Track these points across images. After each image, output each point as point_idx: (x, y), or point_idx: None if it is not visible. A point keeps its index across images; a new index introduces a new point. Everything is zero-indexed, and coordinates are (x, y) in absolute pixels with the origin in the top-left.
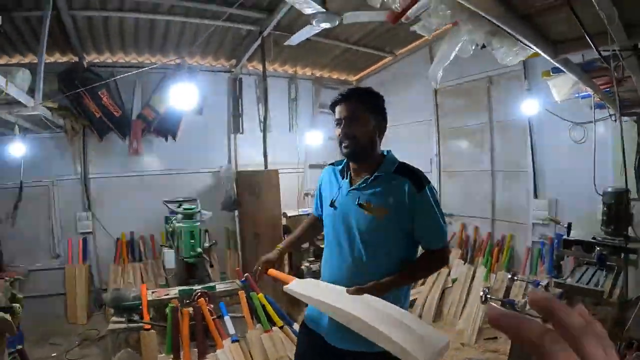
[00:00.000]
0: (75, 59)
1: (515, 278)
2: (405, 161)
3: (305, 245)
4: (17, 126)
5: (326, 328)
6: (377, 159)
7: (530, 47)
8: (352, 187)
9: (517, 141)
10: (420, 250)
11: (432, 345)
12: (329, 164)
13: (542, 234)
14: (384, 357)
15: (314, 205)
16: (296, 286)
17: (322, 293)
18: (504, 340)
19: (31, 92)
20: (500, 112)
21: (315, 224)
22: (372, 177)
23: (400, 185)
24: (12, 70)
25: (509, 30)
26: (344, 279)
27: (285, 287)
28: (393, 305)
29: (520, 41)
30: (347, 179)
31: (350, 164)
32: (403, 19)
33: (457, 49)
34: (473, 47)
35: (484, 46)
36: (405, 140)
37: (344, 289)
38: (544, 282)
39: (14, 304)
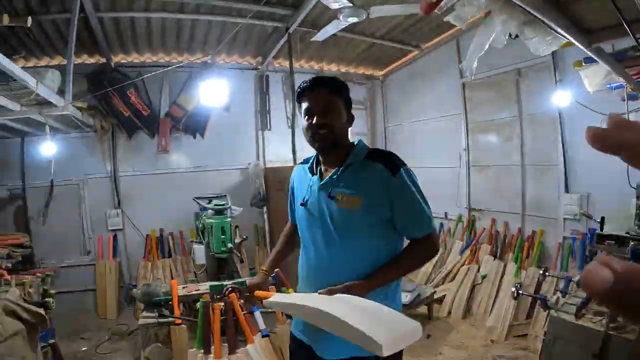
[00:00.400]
0: (103, 60)
1: (547, 274)
2: (432, 156)
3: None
4: (47, 126)
5: (311, 339)
6: (347, 150)
7: (563, 36)
8: (322, 182)
9: (547, 134)
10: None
11: (394, 329)
12: (299, 163)
13: (573, 229)
14: None
15: (290, 213)
16: (275, 298)
17: (297, 299)
18: (534, 337)
19: (61, 92)
20: (530, 105)
21: (294, 234)
22: (343, 167)
23: (373, 170)
24: (41, 72)
25: (542, 19)
26: (323, 279)
27: (264, 301)
28: (369, 301)
29: (554, 30)
30: (317, 174)
31: (320, 158)
32: (437, 10)
33: (490, 39)
34: (506, 37)
35: (517, 36)
36: (433, 134)
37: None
38: (575, 278)
39: (47, 299)
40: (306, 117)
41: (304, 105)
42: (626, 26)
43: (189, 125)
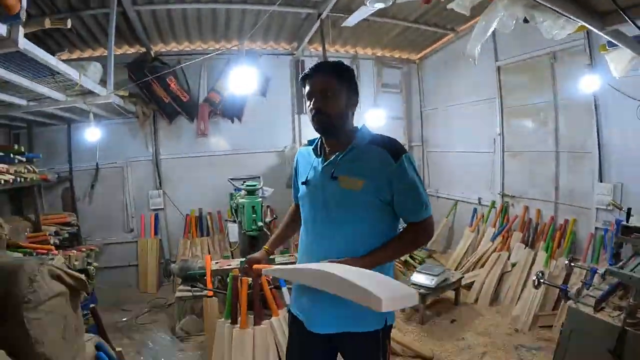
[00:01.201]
0: (143, 49)
1: (572, 264)
2: (466, 141)
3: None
4: (91, 114)
5: (304, 315)
6: (350, 134)
7: (573, 19)
8: (326, 163)
9: (582, 121)
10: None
11: (393, 290)
12: (303, 145)
13: (605, 220)
14: (368, 336)
15: (294, 193)
16: (273, 268)
17: (296, 267)
18: (559, 329)
19: (103, 83)
20: (565, 90)
21: (296, 214)
22: (347, 150)
23: (376, 155)
24: (84, 65)
25: (546, 4)
26: (320, 255)
27: (264, 270)
28: (367, 270)
29: (561, 14)
30: (321, 156)
31: (325, 140)
32: None
33: (494, 24)
34: (514, 22)
35: (526, 20)
36: (468, 119)
37: (315, 264)
38: (601, 270)
39: (88, 267)
40: (306, 101)
41: (306, 89)
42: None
43: (226, 109)
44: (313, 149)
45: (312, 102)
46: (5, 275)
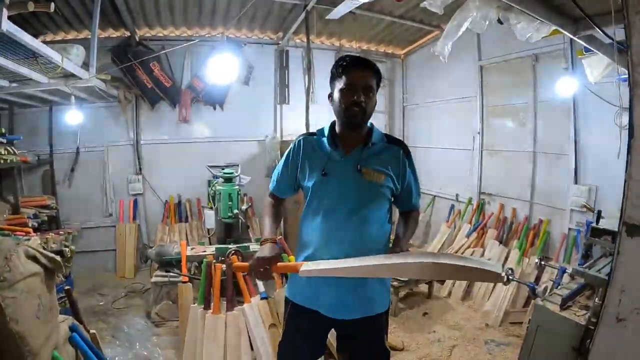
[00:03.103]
0: (128, 34)
1: (543, 263)
2: (447, 137)
3: None
4: (73, 97)
5: (327, 303)
6: (366, 130)
7: (546, 22)
8: (347, 154)
9: (560, 123)
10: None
11: (496, 265)
12: (304, 135)
13: (578, 221)
14: (379, 317)
15: (276, 184)
16: (310, 267)
17: (342, 263)
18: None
19: (85, 66)
20: (545, 92)
21: (280, 206)
22: (370, 145)
23: (396, 152)
24: (67, 47)
25: (517, 6)
26: (343, 245)
27: (300, 270)
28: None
29: (534, 17)
30: (339, 147)
31: (340, 133)
32: None
33: (466, 24)
34: (487, 23)
35: (500, 22)
36: (449, 116)
37: (355, 258)
38: (570, 270)
39: (64, 248)
40: (345, 90)
41: (346, 79)
42: (590, 20)
43: (208, 97)
44: (329, 140)
45: (354, 95)
46: None
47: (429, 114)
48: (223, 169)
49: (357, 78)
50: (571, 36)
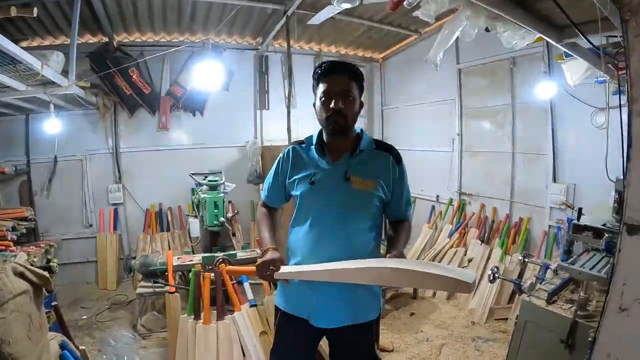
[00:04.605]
0: (105, 39)
1: (526, 260)
2: (426, 140)
3: None
4: (52, 105)
5: (315, 311)
6: (354, 136)
7: (532, 31)
8: (334, 162)
9: (538, 124)
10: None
11: (470, 275)
12: (293, 144)
13: (558, 218)
14: (368, 325)
15: (267, 194)
16: (288, 269)
17: (329, 266)
18: (514, 322)
19: (64, 73)
20: (523, 94)
21: (274, 216)
22: (357, 152)
23: (385, 159)
24: (47, 54)
25: (506, 16)
26: (331, 253)
27: (275, 273)
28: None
29: (522, 26)
30: (326, 154)
31: (327, 140)
32: (405, 4)
33: (457, 33)
34: (476, 31)
35: (487, 30)
36: (428, 119)
37: (339, 262)
38: (553, 266)
39: (51, 263)
40: (323, 99)
41: (322, 87)
42: (576, 29)
43: (188, 103)
44: (316, 148)
45: (331, 103)
46: None
47: (408, 117)
48: (206, 177)
49: (333, 84)
50: (555, 44)
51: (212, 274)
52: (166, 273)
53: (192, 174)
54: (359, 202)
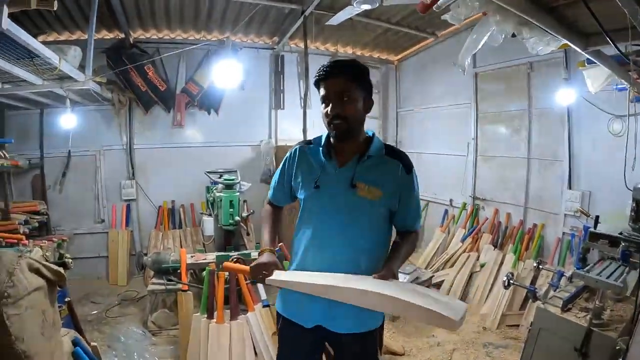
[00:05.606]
0: (122, 35)
1: (541, 267)
2: (441, 143)
3: None
4: (68, 100)
5: (316, 317)
6: (364, 139)
7: (559, 38)
8: (341, 167)
9: (554, 130)
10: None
11: (459, 309)
12: (301, 144)
13: (573, 225)
14: (371, 333)
15: (273, 193)
16: (281, 276)
17: (318, 279)
18: (526, 328)
19: (81, 68)
20: (540, 100)
21: (279, 215)
22: (365, 158)
23: (394, 167)
24: (64, 48)
25: (535, 23)
26: (334, 263)
27: (267, 279)
28: (401, 282)
29: (549, 32)
30: (333, 158)
31: (334, 143)
32: (434, 8)
33: (485, 38)
34: (503, 37)
35: (514, 35)
36: (443, 122)
37: (337, 274)
38: (568, 273)
39: (65, 259)
40: (323, 104)
41: (321, 91)
42: (606, 35)
43: (204, 101)
44: (323, 151)
45: (328, 107)
46: None
47: (423, 120)
48: (222, 175)
49: (329, 87)
50: (581, 51)
51: (227, 274)
52: (179, 271)
53: (208, 172)
54: (364, 210)
